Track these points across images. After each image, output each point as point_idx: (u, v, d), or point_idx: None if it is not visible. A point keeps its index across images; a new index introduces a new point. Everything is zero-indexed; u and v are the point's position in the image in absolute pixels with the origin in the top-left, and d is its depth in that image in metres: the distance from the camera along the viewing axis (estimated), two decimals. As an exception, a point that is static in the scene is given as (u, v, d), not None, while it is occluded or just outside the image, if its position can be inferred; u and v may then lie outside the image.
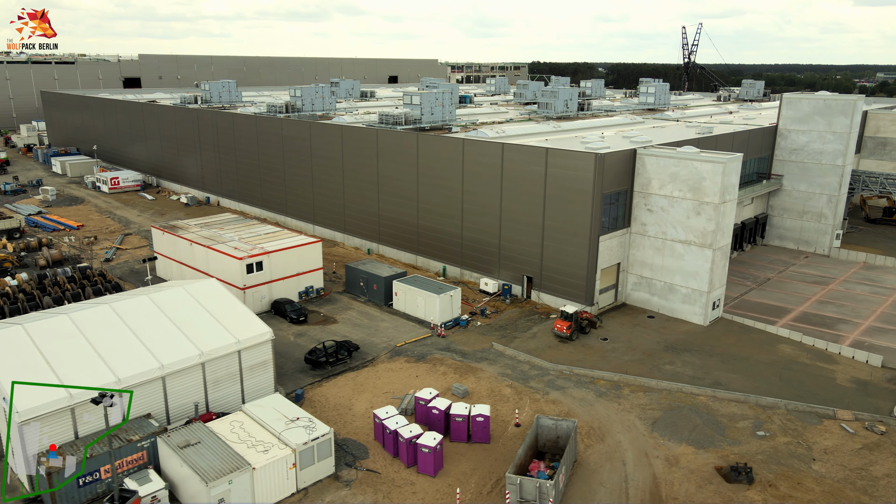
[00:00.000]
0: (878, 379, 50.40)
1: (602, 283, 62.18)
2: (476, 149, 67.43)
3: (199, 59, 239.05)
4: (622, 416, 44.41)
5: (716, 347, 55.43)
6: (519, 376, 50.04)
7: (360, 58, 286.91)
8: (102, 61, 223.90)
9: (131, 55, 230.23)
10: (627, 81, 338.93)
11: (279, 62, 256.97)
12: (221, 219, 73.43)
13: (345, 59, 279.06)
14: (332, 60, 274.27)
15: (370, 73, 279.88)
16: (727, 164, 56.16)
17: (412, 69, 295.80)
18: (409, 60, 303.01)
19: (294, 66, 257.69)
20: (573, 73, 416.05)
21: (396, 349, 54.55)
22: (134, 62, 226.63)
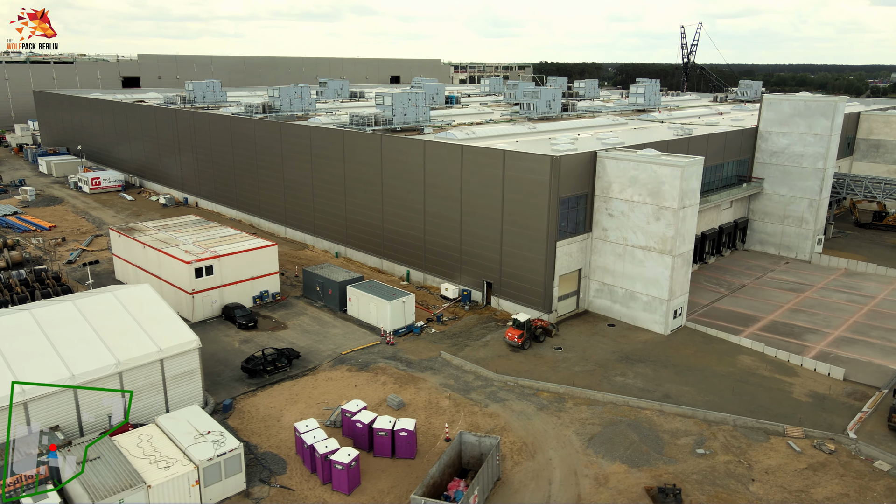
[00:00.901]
0: (837, 393, 48.24)
1: (562, 290, 60.35)
2: (437, 151, 65.84)
3: (199, 59, 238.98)
4: (559, 431, 42.63)
5: (672, 358, 53.46)
6: (461, 387, 48.37)
7: (362, 58, 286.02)
8: (101, 61, 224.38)
9: (130, 55, 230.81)
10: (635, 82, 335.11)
11: (280, 62, 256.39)
12: (182, 221, 72.30)
13: (346, 59, 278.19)
14: (334, 60, 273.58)
15: (372, 74, 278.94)
16: (686, 168, 54.15)
17: (415, 69, 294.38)
18: (412, 60, 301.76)
19: (295, 66, 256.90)
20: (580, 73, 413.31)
21: (341, 357, 53.06)
22: (133, 62, 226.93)
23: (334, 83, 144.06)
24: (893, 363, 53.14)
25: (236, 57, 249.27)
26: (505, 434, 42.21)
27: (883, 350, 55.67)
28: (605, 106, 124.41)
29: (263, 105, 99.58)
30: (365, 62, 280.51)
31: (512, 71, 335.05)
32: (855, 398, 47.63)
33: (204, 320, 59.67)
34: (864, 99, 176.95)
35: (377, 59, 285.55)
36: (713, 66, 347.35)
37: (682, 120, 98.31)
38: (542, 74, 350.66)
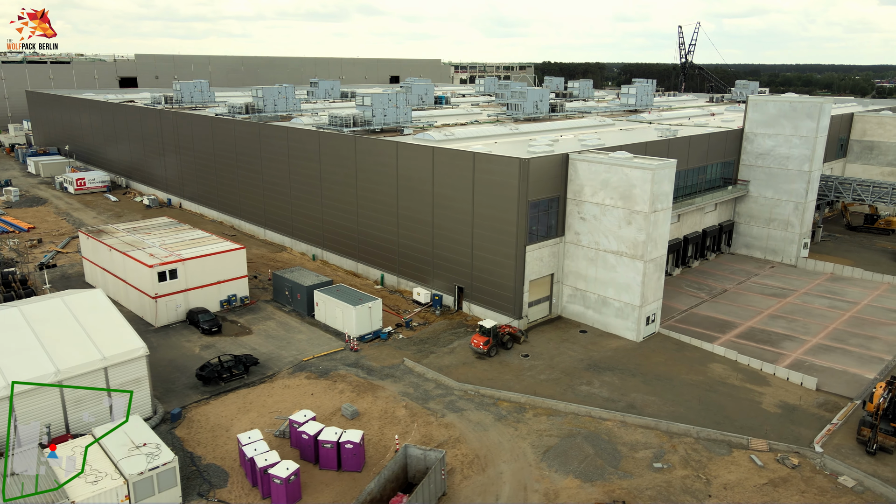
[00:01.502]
0: (808, 404, 46.75)
1: (533, 296, 59.02)
2: (409, 152, 64.63)
3: (197, 59, 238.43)
4: (514, 443, 41.34)
5: (642, 366, 52.05)
6: (420, 396, 47.13)
7: (361, 58, 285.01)
8: (99, 61, 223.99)
9: (128, 55, 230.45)
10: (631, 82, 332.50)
11: (278, 62, 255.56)
12: (154, 223, 71.36)
13: (345, 59, 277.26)
14: (332, 60, 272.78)
15: (371, 74, 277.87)
16: (656, 171, 52.72)
17: (415, 69, 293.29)
18: (412, 60, 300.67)
19: (293, 66, 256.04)
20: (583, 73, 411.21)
21: (302, 364, 51.91)
22: (130, 62, 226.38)
23: (325, 83, 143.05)
24: (869, 372, 51.60)
25: (234, 57, 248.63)
26: (458, 446, 40.97)
27: (860, 359, 54.10)
28: (598, 107, 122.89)
29: (246, 105, 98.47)
30: (364, 62, 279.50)
31: (513, 71, 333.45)
32: (826, 409, 46.14)
33: (168, 325, 58.65)
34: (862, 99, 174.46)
35: (376, 59, 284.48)
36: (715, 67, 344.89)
37: (671, 121, 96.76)
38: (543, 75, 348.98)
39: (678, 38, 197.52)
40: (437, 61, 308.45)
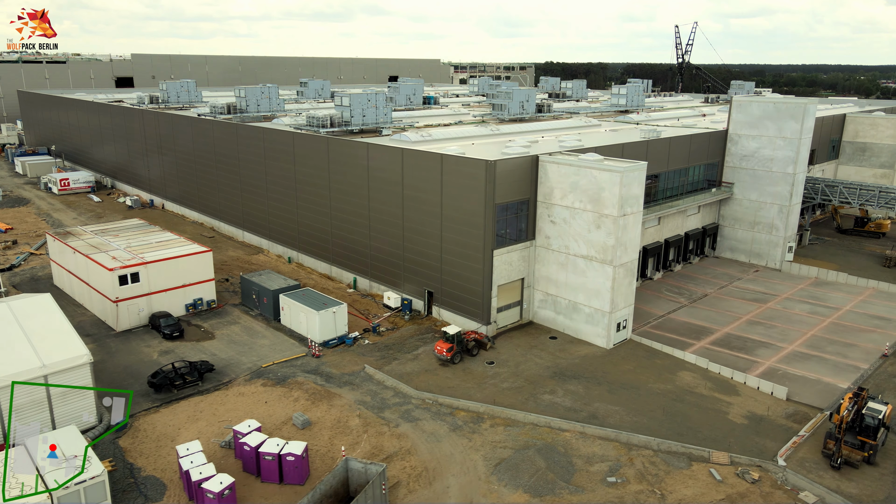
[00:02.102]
0: (776, 414, 45.27)
1: (502, 301, 57.67)
2: (379, 154, 63.41)
3: (194, 59, 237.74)
4: (466, 456, 40.04)
5: (609, 374, 50.65)
6: (377, 404, 45.88)
7: (360, 57, 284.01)
8: (95, 61, 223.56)
9: (124, 55, 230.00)
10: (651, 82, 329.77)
11: (276, 62, 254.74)
12: (123, 225, 70.39)
13: (343, 59, 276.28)
14: (331, 60, 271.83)
15: (370, 74, 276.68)
16: (625, 174, 51.29)
17: (413, 69, 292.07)
18: (411, 60, 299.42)
19: (291, 65, 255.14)
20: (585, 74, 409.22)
21: (260, 370, 50.74)
22: (126, 62, 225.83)
23: (315, 83, 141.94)
24: (843, 382, 50.07)
25: (231, 56, 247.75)
26: (407, 458, 39.70)
27: (835, 367, 52.56)
28: (589, 107, 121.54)
29: (228, 105, 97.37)
30: (363, 62, 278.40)
31: (513, 71, 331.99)
32: (794, 420, 44.65)
33: (130, 329, 57.56)
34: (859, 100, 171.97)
35: (375, 59, 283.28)
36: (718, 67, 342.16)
37: (659, 122, 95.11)
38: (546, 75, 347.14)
39: (675, 38, 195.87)
40: (437, 61, 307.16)
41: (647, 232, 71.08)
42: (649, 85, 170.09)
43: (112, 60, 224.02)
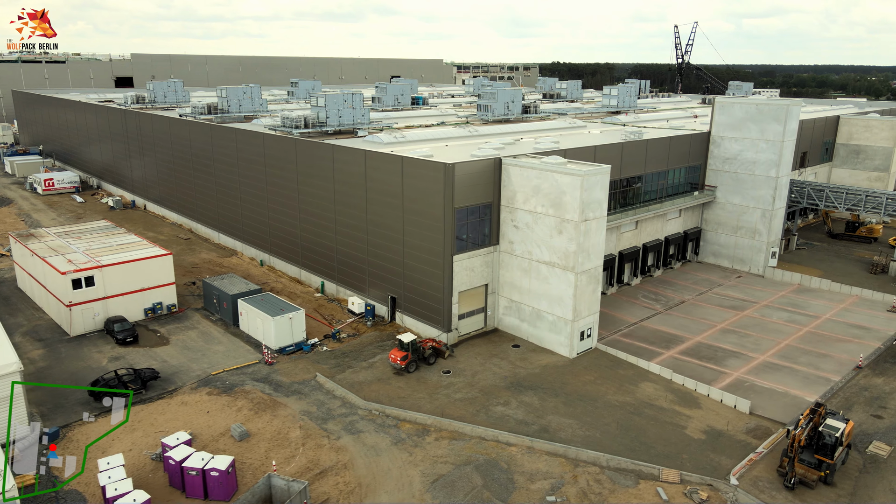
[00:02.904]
0: (735, 429, 43.41)
1: (464, 307, 56.07)
2: (344, 156, 61.99)
3: (193, 59, 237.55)
4: (404, 471, 38.50)
5: (568, 385, 48.95)
6: (321, 415, 44.43)
7: (362, 58, 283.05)
8: (94, 61, 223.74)
9: (124, 55, 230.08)
10: (653, 82, 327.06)
11: (277, 62, 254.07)
12: (89, 227, 69.39)
13: (345, 59, 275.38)
14: (333, 60, 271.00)
15: (371, 74, 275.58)
16: (586, 178, 49.53)
17: (415, 69, 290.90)
18: (413, 60, 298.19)
19: (292, 66, 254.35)
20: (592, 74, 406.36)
21: (209, 378, 49.42)
22: (126, 62, 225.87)
23: (305, 83, 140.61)
24: (811, 395, 48.11)
25: (232, 57, 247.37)
26: (342, 473, 38.22)
27: (806, 379, 50.58)
28: (584, 108, 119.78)
29: (209, 106, 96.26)
30: (365, 62, 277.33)
31: (518, 71, 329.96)
32: (754, 436, 42.79)
33: (85, 334, 56.45)
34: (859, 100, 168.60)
35: (377, 59, 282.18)
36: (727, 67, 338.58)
37: (648, 123, 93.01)
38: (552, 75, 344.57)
39: (674, 38, 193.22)
40: (440, 61, 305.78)
41: (624, 236, 69.27)
42: (647, 85, 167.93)
43: (112, 60, 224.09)
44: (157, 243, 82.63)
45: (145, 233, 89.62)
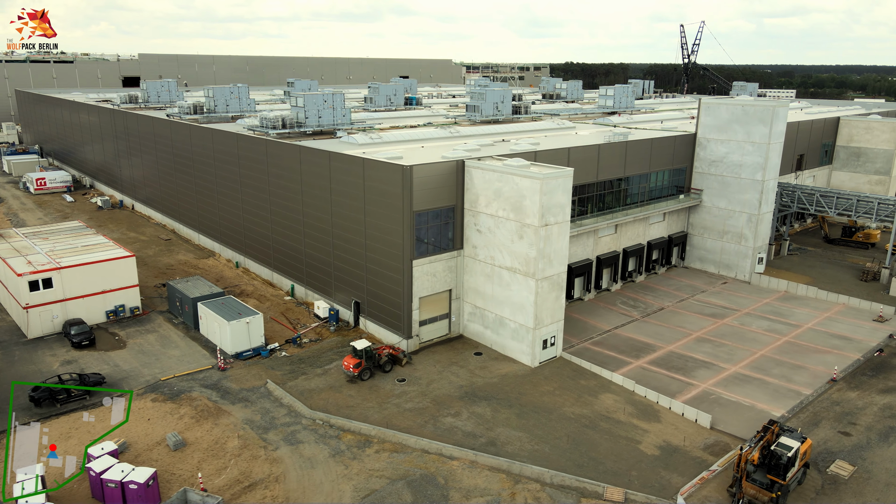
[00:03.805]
0: (692, 445, 41.49)
1: (427, 313, 54.57)
2: (310, 157, 60.77)
3: (201, 59, 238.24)
4: (336, 486, 37.11)
5: (525, 396, 47.26)
6: (264, 424, 43.18)
7: (370, 58, 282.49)
8: (102, 60, 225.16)
9: (132, 54, 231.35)
10: (666, 82, 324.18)
11: (284, 62, 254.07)
12: (59, 227, 68.84)
13: (353, 59, 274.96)
14: (340, 60, 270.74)
15: (380, 74, 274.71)
16: (546, 181, 47.79)
17: (424, 69, 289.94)
18: (422, 60, 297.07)
19: (299, 66, 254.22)
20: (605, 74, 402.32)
21: (157, 384, 48.39)
22: (134, 61, 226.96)
23: (302, 83, 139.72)
24: (778, 409, 45.99)
25: (239, 56, 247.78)
26: (272, 486, 36.92)
27: (775, 392, 48.43)
28: (582, 108, 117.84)
29: (194, 105, 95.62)
30: (373, 62, 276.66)
31: (528, 72, 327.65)
32: (712, 452, 40.86)
33: (42, 337, 55.76)
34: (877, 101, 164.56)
35: (386, 59, 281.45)
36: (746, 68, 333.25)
37: (641, 124, 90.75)
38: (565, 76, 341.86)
39: (680, 37, 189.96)
40: (449, 61, 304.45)
41: (603, 240, 67.35)
42: (651, 86, 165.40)
43: (119, 60, 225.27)
44: (137, 244, 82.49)
45: (128, 233, 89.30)
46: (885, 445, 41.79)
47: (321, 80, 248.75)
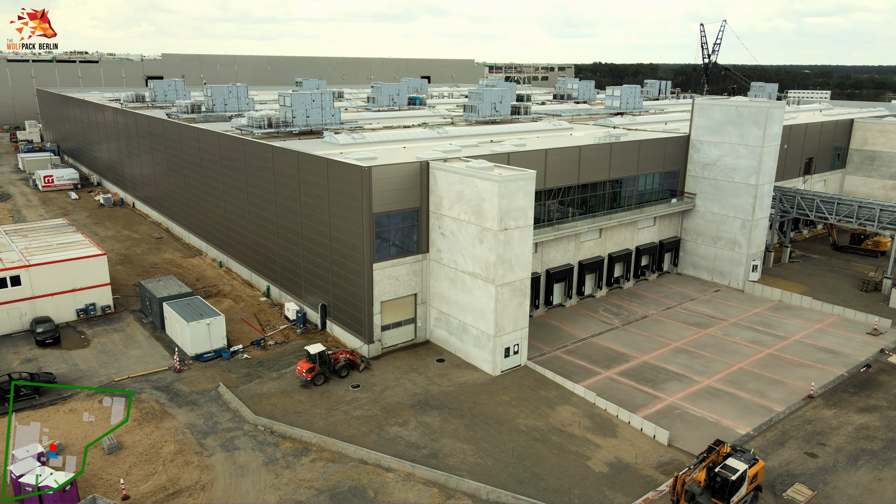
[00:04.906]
0: (644, 463, 39.46)
1: (391, 318, 53.27)
2: (282, 157, 59.97)
3: (223, 59, 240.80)
4: (262, 496, 36.02)
5: (480, 406, 45.65)
6: (205, 429, 42.36)
7: (391, 58, 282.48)
8: (126, 61, 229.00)
9: (155, 55, 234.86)
10: (696, 83, 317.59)
11: (306, 62, 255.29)
12: (43, 225, 69.34)
13: (374, 59, 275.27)
14: (362, 60, 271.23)
15: (401, 74, 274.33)
16: (505, 184, 46.09)
17: (447, 69, 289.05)
18: (444, 61, 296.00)
19: (321, 65, 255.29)
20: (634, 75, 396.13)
21: (111, 385, 47.94)
22: (157, 61, 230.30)
23: (310, 83, 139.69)
24: (744, 426, 43.60)
25: (261, 57, 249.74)
26: (196, 495, 36.00)
27: (745, 408, 45.98)
28: (590, 109, 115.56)
29: (192, 105, 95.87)
30: (395, 62, 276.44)
31: (552, 72, 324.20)
32: (663, 471, 38.77)
33: (10, 334, 55.92)
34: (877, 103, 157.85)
35: (407, 59, 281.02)
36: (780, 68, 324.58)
37: (643, 125, 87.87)
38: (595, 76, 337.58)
39: (700, 37, 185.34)
40: (471, 62, 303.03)
41: (585, 245, 65.30)
42: (668, 86, 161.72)
43: (143, 60, 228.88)
44: (128, 242, 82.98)
45: (122, 231, 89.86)
46: (852, 469, 39.21)
47: (342, 79, 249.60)
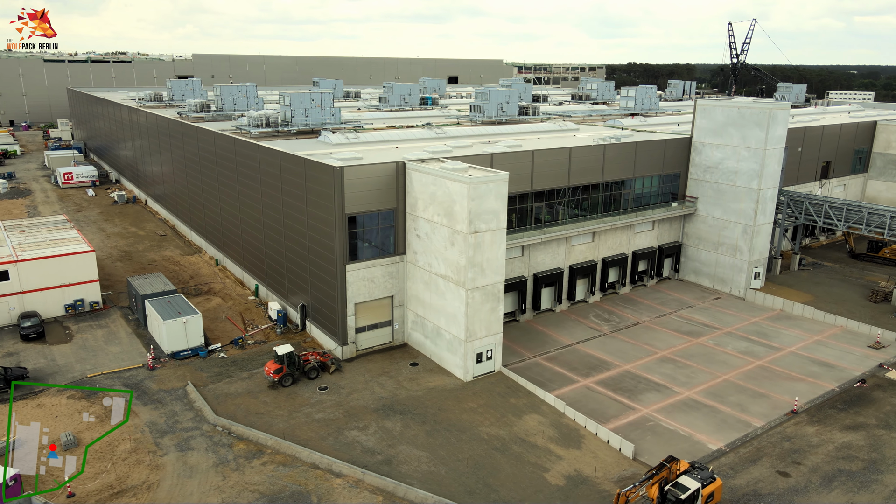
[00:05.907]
0: (603, 477, 37.99)
1: (366, 320, 52.60)
2: (266, 156, 59.84)
3: (252, 59, 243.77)
4: (205, 498, 35.66)
5: (444, 412, 44.65)
6: (164, 428, 42.26)
7: (420, 58, 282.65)
8: (158, 61, 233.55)
9: (186, 55, 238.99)
10: (712, 84, 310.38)
11: (333, 62, 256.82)
12: (40, 221, 70.57)
13: (401, 59, 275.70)
14: (389, 60, 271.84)
15: (429, 74, 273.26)
16: (473, 186, 44.99)
17: (475, 70, 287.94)
18: (472, 61, 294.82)
19: (349, 66, 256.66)
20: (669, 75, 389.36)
21: (83, 381, 48.28)
22: (188, 61, 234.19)
23: (326, 83, 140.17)
24: (717, 441, 41.71)
25: (289, 57, 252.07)
26: (140, 495, 35.83)
27: (723, 423, 44.04)
28: (606, 109, 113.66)
29: (200, 104, 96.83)
30: (423, 62, 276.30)
31: (584, 72, 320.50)
32: (622, 485, 37.22)
33: (-2, 328, 57.03)
34: None
35: (434, 60, 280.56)
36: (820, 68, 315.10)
37: (652, 126, 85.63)
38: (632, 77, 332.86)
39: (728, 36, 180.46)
40: (500, 62, 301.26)
41: (577, 249, 63.71)
42: (692, 87, 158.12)
43: (174, 60, 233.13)
44: (132, 238, 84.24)
45: (129, 228, 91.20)
46: (825, 491, 37.13)
47: (369, 79, 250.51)
